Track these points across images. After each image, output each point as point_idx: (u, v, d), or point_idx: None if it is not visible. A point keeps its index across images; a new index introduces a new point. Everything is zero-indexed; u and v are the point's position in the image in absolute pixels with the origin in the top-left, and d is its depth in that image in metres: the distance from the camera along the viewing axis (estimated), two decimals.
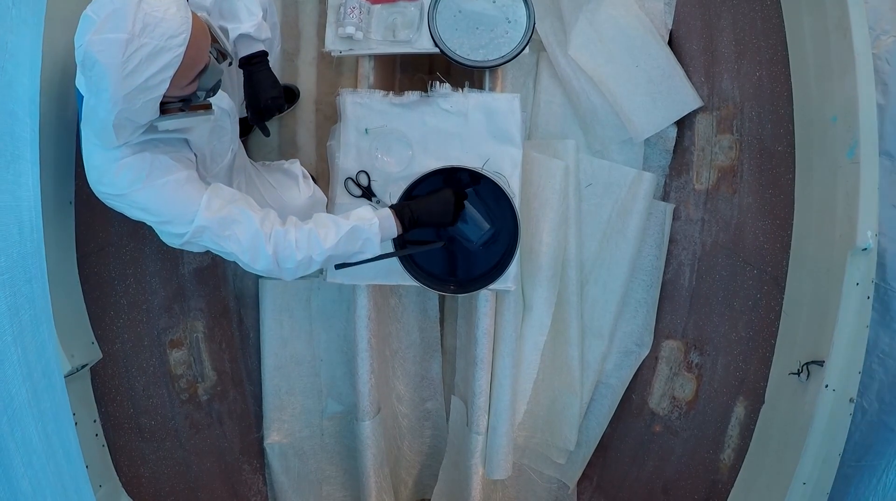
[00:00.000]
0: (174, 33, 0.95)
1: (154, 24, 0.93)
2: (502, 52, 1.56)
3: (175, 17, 0.95)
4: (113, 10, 0.92)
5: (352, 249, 1.23)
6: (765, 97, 1.76)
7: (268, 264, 1.18)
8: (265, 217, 1.19)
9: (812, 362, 1.42)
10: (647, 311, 1.91)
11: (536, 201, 1.78)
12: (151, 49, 0.94)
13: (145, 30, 0.93)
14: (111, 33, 0.92)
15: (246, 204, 1.19)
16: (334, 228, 1.21)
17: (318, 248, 1.19)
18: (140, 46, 0.93)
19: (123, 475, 1.67)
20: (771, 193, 1.72)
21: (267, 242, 1.16)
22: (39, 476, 1.00)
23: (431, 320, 1.97)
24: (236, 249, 1.16)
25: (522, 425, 1.92)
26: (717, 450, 1.74)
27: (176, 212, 1.13)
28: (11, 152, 1.01)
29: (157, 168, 1.10)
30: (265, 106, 1.39)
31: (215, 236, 1.15)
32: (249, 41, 1.35)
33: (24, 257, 1.03)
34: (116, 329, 1.70)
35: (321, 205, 1.69)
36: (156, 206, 1.12)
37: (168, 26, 0.94)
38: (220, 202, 1.15)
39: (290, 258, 1.18)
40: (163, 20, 0.94)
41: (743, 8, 1.83)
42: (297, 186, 1.63)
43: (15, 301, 0.99)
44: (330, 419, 1.98)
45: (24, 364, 0.99)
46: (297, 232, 1.19)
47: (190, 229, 1.13)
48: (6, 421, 0.93)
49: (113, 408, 1.69)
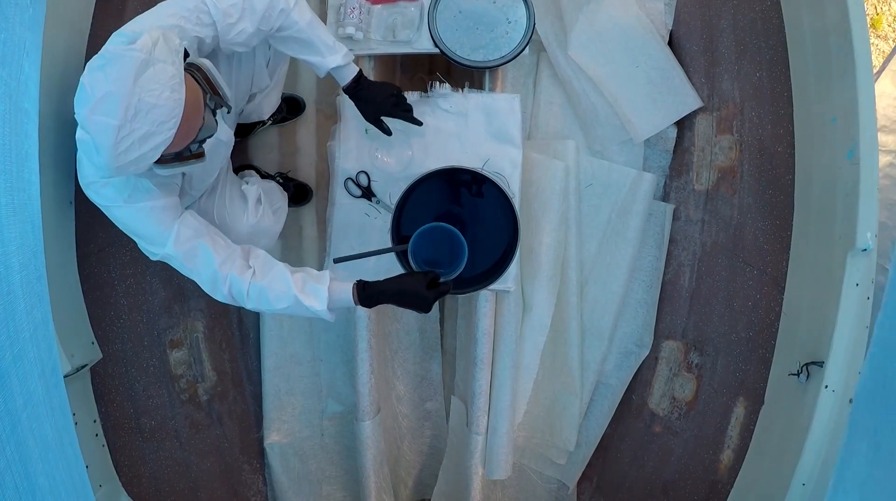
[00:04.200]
0: (165, 118, 0.96)
1: (146, 110, 0.94)
2: (502, 53, 1.56)
3: (167, 104, 0.96)
4: (107, 93, 0.93)
5: (303, 315, 1.27)
6: (765, 98, 1.76)
7: (224, 299, 1.25)
8: (227, 258, 1.23)
9: (812, 362, 1.42)
10: (647, 311, 1.91)
11: (536, 202, 1.78)
12: (143, 134, 0.95)
13: (137, 116, 0.94)
14: (104, 116, 0.93)
15: (211, 241, 1.22)
16: (284, 297, 1.23)
17: (267, 306, 1.24)
18: (132, 131, 0.94)
19: (123, 475, 1.67)
20: (771, 193, 1.73)
21: (223, 283, 1.22)
22: (54, 472, 1.01)
23: (431, 320, 1.97)
24: (197, 280, 1.23)
25: (522, 425, 1.92)
26: (716, 451, 1.74)
27: (148, 235, 1.19)
28: (26, 151, 1.02)
29: (139, 191, 1.14)
30: (390, 112, 1.46)
31: (180, 265, 1.22)
32: (340, 71, 1.40)
33: (35, 256, 1.04)
34: (116, 329, 1.70)
35: (266, 235, 1.61)
36: (131, 226, 1.18)
37: (160, 112, 0.95)
38: (188, 234, 1.20)
39: (243, 304, 1.25)
40: (155, 107, 0.95)
41: (743, 8, 1.83)
42: (244, 211, 1.56)
43: (30, 300, 1.01)
44: (330, 419, 1.98)
45: (38, 362, 1.00)
46: (251, 285, 1.23)
47: (160, 253, 1.20)
48: (26, 417, 0.94)
49: (113, 408, 1.70)
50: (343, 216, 1.62)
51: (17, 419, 0.92)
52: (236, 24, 1.19)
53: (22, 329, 0.96)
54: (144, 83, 0.94)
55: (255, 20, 1.21)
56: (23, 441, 0.92)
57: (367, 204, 1.62)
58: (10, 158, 0.96)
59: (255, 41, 1.26)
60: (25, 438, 0.93)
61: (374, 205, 1.62)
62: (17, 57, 0.98)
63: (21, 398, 0.93)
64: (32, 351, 0.99)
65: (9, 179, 0.95)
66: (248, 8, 1.20)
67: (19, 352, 0.95)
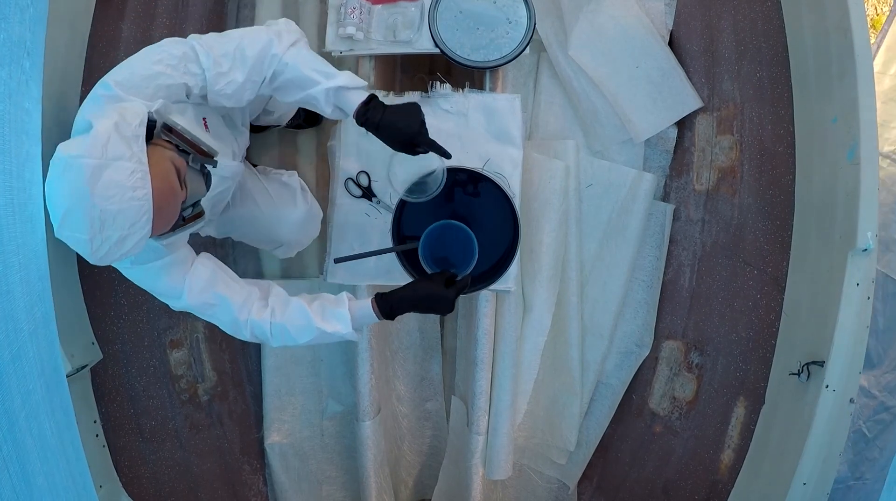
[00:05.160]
0: (135, 219, 0.91)
1: (112, 218, 0.89)
2: (503, 53, 1.56)
3: (131, 205, 0.89)
4: (67, 210, 0.89)
5: (329, 341, 1.26)
6: (765, 98, 1.76)
7: (250, 340, 1.26)
8: (244, 303, 1.21)
9: (812, 362, 1.42)
10: (648, 311, 1.91)
11: (537, 202, 1.78)
12: (117, 239, 0.91)
13: (105, 226, 0.89)
14: (73, 232, 0.90)
15: (226, 287, 1.20)
16: (306, 330, 1.23)
17: (293, 342, 1.24)
18: (104, 240, 0.91)
19: (124, 475, 1.67)
20: (771, 193, 1.73)
21: (244, 327, 1.22)
22: (53, 472, 1.00)
23: (431, 320, 1.97)
24: (219, 325, 1.23)
25: (523, 425, 1.92)
26: (717, 450, 1.74)
27: (162, 291, 1.18)
28: (27, 151, 1.01)
29: (146, 252, 1.10)
30: (417, 138, 1.25)
31: (200, 313, 1.21)
32: (345, 95, 1.21)
33: (37, 255, 1.03)
34: (116, 330, 1.70)
35: (317, 219, 1.67)
36: (145, 284, 1.17)
37: (126, 216, 0.90)
38: (200, 285, 1.18)
39: (269, 343, 1.25)
40: (119, 212, 0.89)
41: (743, 9, 1.83)
42: (294, 200, 1.60)
43: (30, 298, 1.00)
44: (330, 420, 1.98)
45: (38, 361, 1.00)
46: (272, 325, 1.22)
47: (178, 305, 1.19)
48: (24, 417, 0.93)
49: (113, 409, 1.70)
50: (343, 216, 1.62)
51: (15, 419, 0.91)
52: (227, 73, 1.12)
53: (21, 328, 0.96)
54: (101, 191, 0.88)
55: (245, 69, 1.13)
56: (20, 440, 0.92)
57: (368, 204, 1.62)
58: (9, 157, 0.95)
59: (246, 95, 1.17)
60: (23, 437, 0.93)
61: (374, 205, 1.62)
62: (17, 56, 0.98)
63: (19, 397, 0.93)
64: (32, 350, 0.99)
65: (8, 179, 0.95)
66: (238, 57, 1.12)
67: (18, 351, 0.94)
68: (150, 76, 1.04)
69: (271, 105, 1.60)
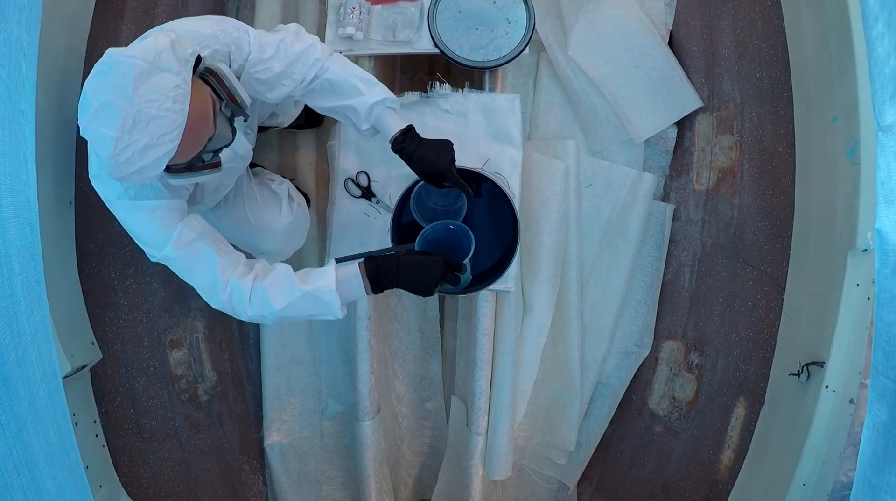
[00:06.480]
0: (167, 130, 0.92)
1: (146, 121, 0.90)
2: (502, 53, 1.55)
3: (167, 115, 0.91)
4: (105, 103, 0.90)
5: (309, 311, 1.21)
6: (765, 98, 1.76)
7: (221, 307, 1.20)
8: (229, 264, 1.18)
9: (812, 363, 1.42)
10: (648, 311, 1.91)
11: (536, 202, 1.78)
12: (143, 146, 0.92)
13: (136, 128, 0.90)
14: (101, 127, 0.90)
15: (214, 244, 1.18)
16: (287, 291, 1.18)
17: (269, 308, 1.18)
18: (130, 143, 0.91)
19: (123, 475, 1.67)
20: (771, 193, 1.73)
21: (223, 289, 1.17)
22: (59, 474, 1.00)
23: (431, 320, 1.97)
24: (196, 284, 1.19)
25: (522, 425, 1.91)
26: (717, 451, 1.74)
27: (149, 236, 1.15)
28: (23, 153, 1.01)
29: (146, 189, 1.10)
30: (445, 174, 1.30)
31: (179, 267, 1.18)
32: (385, 119, 1.29)
33: (33, 258, 1.03)
34: (116, 330, 1.71)
35: (302, 230, 1.64)
36: (132, 225, 1.15)
37: (160, 124, 0.91)
38: (191, 236, 1.15)
39: (243, 311, 1.19)
40: (154, 118, 0.90)
41: (743, 8, 1.83)
42: (279, 209, 1.57)
43: (31, 302, 1.00)
44: (330, 420, 1.98)
45: (39, 364, 1.00)
46: (252, 289, 1.18)
47: (158, 255, 1.16)
48: (31, 421, 0.93)
49: (113, 408, 1.70)
50: (343, 216, 1.62)
51: (23, 423, 0.91)
52: (267, 60, 1.19)
53: (24, 332, 0.96)
54: (144, 93, 0.90)
55: (284, 62, 1.21)
56: (28, 444, 0.92)
57: (367, 204, 1.62)
58: (8, 159, 0.95)
59: (278, 89, 1.23)
60: (31, 441, 0.93)
61: (374, 205, 1.62)
62: (15, 57, 0.98)
63: (26, 401, 0.93)
64: (34, 354, 0.99)
65: (8, 181, 0.95)
66: (282, 49, 1.20)
67: (23, 355, 0.94)
68: (207, 36, 1.11)
69: (279, 108, 1.60)
